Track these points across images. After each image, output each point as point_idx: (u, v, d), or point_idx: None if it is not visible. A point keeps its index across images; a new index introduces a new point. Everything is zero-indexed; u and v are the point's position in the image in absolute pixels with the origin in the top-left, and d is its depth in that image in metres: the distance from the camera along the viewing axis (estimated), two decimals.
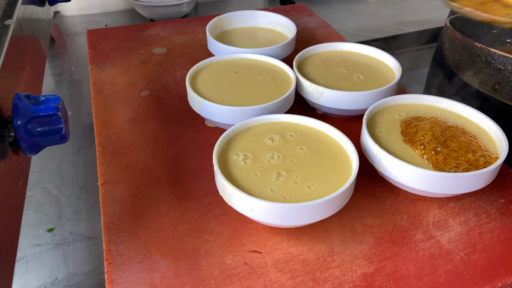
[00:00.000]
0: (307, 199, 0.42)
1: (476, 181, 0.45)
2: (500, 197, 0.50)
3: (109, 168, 0.54)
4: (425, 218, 0.48)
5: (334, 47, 0.70)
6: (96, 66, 0.75)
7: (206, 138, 0.60)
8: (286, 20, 0.78)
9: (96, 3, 1.09)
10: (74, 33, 1.01)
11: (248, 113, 0.55)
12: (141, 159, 0.56)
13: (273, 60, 0.66)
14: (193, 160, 0.56)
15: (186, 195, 0.50)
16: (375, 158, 0.48)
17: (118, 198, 0.50)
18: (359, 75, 0.64)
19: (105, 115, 0.64)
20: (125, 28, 0.89)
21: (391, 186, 0.51)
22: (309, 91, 0.60)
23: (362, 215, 0.48)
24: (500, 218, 0.48)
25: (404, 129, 0.51)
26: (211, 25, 0.75)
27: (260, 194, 0.43)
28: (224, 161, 0.47)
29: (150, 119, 0.63)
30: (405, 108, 0.56)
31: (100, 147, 0.58)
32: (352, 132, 0.61)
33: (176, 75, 0.74)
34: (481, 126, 0.52)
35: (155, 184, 0.52)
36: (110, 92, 0.69)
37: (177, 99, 0.68)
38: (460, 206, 0.49)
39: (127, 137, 0.60)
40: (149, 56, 0.79)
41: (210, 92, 0.59)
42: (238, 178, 0.44)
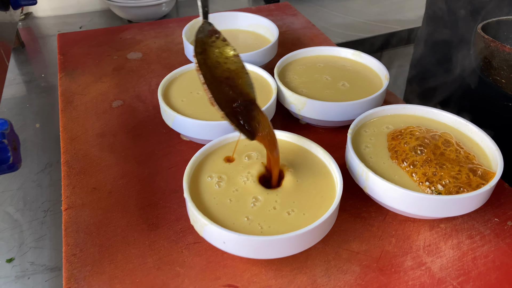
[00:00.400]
0: (286, 228, 0.38)
1: (470, 203, 0.41)
2: (494, 215, 0.47)
3: (74, 191, 0.50)
4: (415, 241, 0.44)
5: (318, 52, 0.66)
6: (65, 74, 0.71)
7: (180, 153, 0.55)
8: (268, 22, 0.73)
9: (71, 4, 1.04)
10: (46, 35, 0.95)
11: (224, 128, 0.51)
12: (109, 179, 0.51)
13: (253, 67, 0.61)
14: (166, 180, 0.51)
15: (157, 220, 0.46)
16: (360, 177, 0.45)
17: (82, 226, 0.46)
18: (344, 82, 0.60)
19: (73, 129, 0.59)
20: (99, 31, 0.84)
21: (378, 206, 0.48)
22: (291, 102, 0.56)
23: (347, 239, 0.44)
24: (494, 240, 0.45)
25: (391, 144, 0.47)
26: (188, 29, 0.71)
27: (234, 224, 0.39)
28: (196, 184, 0.43)
29: (121, 133, 0.59)
30: (393, 120, 0.52)
31: (66, 166, 0.53)
32: (338, 144, 0.57)
33: (151, 82, 0.69)
34: (473, 140, 0.49)
35: (124, 208, 0.48)
36: (80, 103, 0.64)
37: (151, 109, 0.63)
38: (452, 227, 0.46)
39: (96, 154, 0.55)
40: (123, 62, 0.74)
41: (184, 104, 0.55)
42: (211, 206, 0.40)
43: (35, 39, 0.95)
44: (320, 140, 0.58)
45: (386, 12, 1.11)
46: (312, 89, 0.58)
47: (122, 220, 0.46)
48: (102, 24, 1.00)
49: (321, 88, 0.59)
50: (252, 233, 0.38)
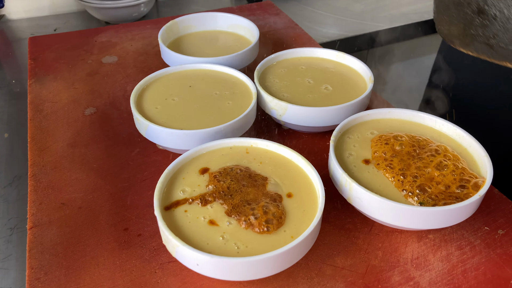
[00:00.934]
0: (265, 247, 0.36)
1: (459, 214, 0.39)
2: (484, 223, 0.45)
3: (41, 207, 0.47)
4: (402, 254, 0.42)
5: (300, 53, 0.63)
6: (36, 81, 0.67)
7: (156, 164, 0.52)
8: (248, 23, 0.70)
9: (45, 5, 0.99)
10: (19, 39, 0.91)
11: (201, 137, 0.48)
12: (79, 194, 0.48)
13: (232, 71, 0.59)
14: (140, 193, 0.48)
15: (129, 238, 0.43)
16: (344, 188, 0.42)
17: (48, 246, 0.43)
18: (327, 85, 0.57)
19: (42, 139, 0.56)
20: (73, 34, 0.80)
21: (363, 216, 0.45)
22: (272, 107, 0.54)
23: (331, 254, 0.42)
24: (485, 250, 0.42)
25: (375, 152, 0.45)
26: (165, 31, 0.68)
27: (208, 244, 0.36)
28: (168, 200, 0.40)
29: (93, 142, 0.55)
30: (377, 125, 0.50)
31: (33, 180, 0.50)
32: (321, 150, 0.55)
33: (127, 87, 0.66)
34: (461, 145, 0.47)
35: (94, 225, 0.45)
36: (50, 112, 0.61)
37: (125, 116, 0.60)
38: (441, 237, 0.44)
39: (66, 166, 0.52)
40: (98, 66, 0.71)
41: (158, 111, 0.52)
42: (183, 224, 0.38)
43: (8, 43, 0.90)
44: (303, 146, 0.56)
45: (371, 10, 1.08)
46: (293, 93, 0.56)
47: (91, 239, 0.43)
48: (78, 26, 0.96)
49: (303, 92, 0.56)
50: (228, 254, 0.35)
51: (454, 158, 0.44)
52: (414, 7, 1.10)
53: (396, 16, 1.05)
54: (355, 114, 0.52)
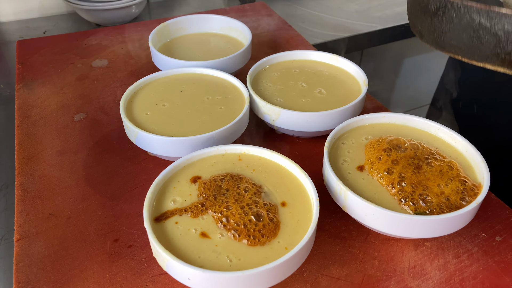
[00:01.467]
0: (258, 260, 0.35)
1: (455, 223, 0.38)
2: (481, 230, 0.44)
3: (28, 218, 0.45)
4: (399, 263, 0.41)
5: (293, 56, 0.62)
6: (23, 86, 0.66)
7: (147, 171, 0.51)
8: (240, 25, 0.69)
9: (34, 7, 0.98)
10: (8, 42, 0.90)
11: (192, 144, 0.47)
12: (68, 204, 0.47)
13: (224, 74, 0.58)
14: (130, 202, 0.47)
15: (119, 249, 0.42)
16: (339, 196, 0.41)
17: (35, 259, 0.41)
18: (320, 89, 0.56)
19: (30, 147, 0.54)
20: (62, 37, 0.79)
21: (359, 224, 0.45)
22: (265, 112, 0.53)
23: (327, 263, 0.41)
24: (483, 258, 0.42)
25: (369, 158, 0.44)
26: (156, 34, 0.66)
27: (200, 257, 0.35)
28: (158, 211, 0.39)
29: (83, 149, 0.54)
30: (372, 130, 0.49)
31: (20, 190, 0.49)
32: (315, 155, 0.54)
33: (117, 92, 0.65)
34: (457, 149, 0.46)
35: (83, 236, 0.43)
36: (39, 118, 0.59)
37: (116, 122, 0.59)
38: (438, 245, 0.43)
39: (54, 174, 0.51)
40: (87, 70, 0.70)
41: (148, 118, 0.51)
42: (174, 236, 0.37)
43: None
44: (297, 151, 0.55)
45: (365, 10, 1.07)
46: (287, 98, 0.55)
47: (80, 251, 0.42)
48: (68, 28, 0.95)
49: (296, 96, 0.55)
50: (220, 267, 0.34)
51: (450, 164, 0.43)
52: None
53: (390, 16, 1.05)
54: (349, 118, 0.52)
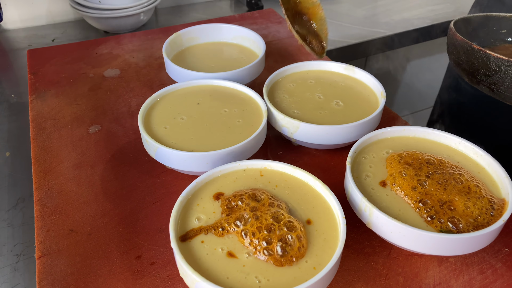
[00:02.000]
0: (287, 280, 0.35)
1: (481, 241, 0.38)
2: (504, 245, 0.44)
3: (49, 234, 0.45)
4: (423, 280, 0.41)
5: (308, 67, 0.62)
6: (37, 97, 0.65)
7: (165, 185, 0.51)
8: (253, 35, 0.69)
9: (42, 14, 0.97)
10: (16, 50, 0.89)
11: (212, 159, 0.46)
12: (88, 219, 0.47)
13: (240, 86, 0.57)
14: (150, 217, 0.47)
15: (142, 267, 0.42)
16: (364, 213, 0.41)
17: (58, 277, 0.41)
18: (337, 101, 0.56)
19: (46, 160, 0.54)
20: (72, 46, 0.79)
21: (381, 239, 0.44)
22: (283, 125, 0.52)
23: (351, 280, 0.41)
24: (507, 274, 0.42)
25: (391, 174, 0.44)
26: (169, 44, 0.66)
27: (229, 278, 0.35)
28: (183, 229, 0.39)
29: (99, 163, 0.54)
30: (392, 143, 0.49)
31: (39, 205, 0.48)
32: (333, 167, 0.54)
33: (131, 103, 0.65)
34: (479, 163, 0.46)
35: (105, 253, 0.43)
36: (53, 130, 0.59)
37: (131, 134, 0.59)
38: (462, 261, 0.43)
39: (72, 189, 0.50)
40: (100, 80, 0.69)
41: (167, 132, 0.51)
42: (201, 256, 0.36)
43: (5, 54, 0.88)
44: (315, 164, 0.54)
45: (373, 15, 1.07)
46: (304, 110, 0.55)
47: (103, 268, 0.42)
48: (76, 35, 0.94)
49: (313, 108, 0.55)
50: (250, 287, 0.34)
51: (475, 180, 0.43)
52: (416, 12, 1.09)
53: (398, 21, 1.04)
54: (368, 131, 0.52)
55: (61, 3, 0.97)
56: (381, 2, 1.15)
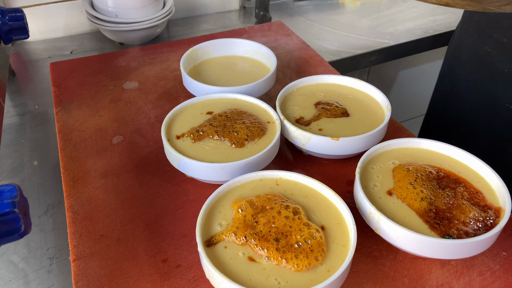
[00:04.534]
0: (304, 282, 0.38)
1: (480, 246, 0.42)
2: (502, 249, 0.48)
3: (81, 239, 0.49)
4: (427, 281, 0.45)
5: (317, 80, 0.66)
6: (62, 109, 0.69)
7: (186, 192, 0.55)
8: (265, 49, 0.73)
9: (59, 26, 1.02)
10: (36, 61, 0.93)
11: (231, 170, 0.50)
12: (116, 225, 0.51)
13: (254, 99, 0.61)
14: (174, 223, 0.51)
15: (169, 269, 0.46)
16: (372, 220, 0.45)
17: (93, 278, 0.45)
18: (346, 112, 0.60)
19: (74, 169, 0.58)
20: (92, 59, 0.83)
21: (388, 244, 0.48)
22: (295, 136, 0.56)
23: (361, 282, 0.45)
24: (504, 275, 0.45)
25: (398, 183, 0.48)
26: (185, 58, 0.70)
27: (251, 280, 0.39)
28: (207, 235, 0.43)
29: (124, 172, 0.58)
30: (398, 154, 0.52)
31: (70, 212, 0.52)
32: (342, 176, 0.58)
33: (150, 114, 0.69)
34: (479, 173, 0.50)
35: (134, 256, 0.47)
36: (79, 141, 0.63)
37: (152, 145, 0.62)
38: (462, 263, 0.46)
39: (100, 197, 0.54)
40: (120, 92, 0.73)
41: (188, 143, 0.54)
42: (225, 260, 0.40)
43: (25, 66, 0.92)
44: (325, 172, 0.58)
45: (377, 25, 1.11)
46: None
47: (133, 270, 0.46)
48: (93, 47, 0.98)
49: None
50: None
51: (474, 189, 0.47)
52: (419, 22, 1.13)
53: (402, 31, 1.08)
54: (375, 142, 0.55)
55: (78, 16, 1.02)
56: (385, 12, 1.19)
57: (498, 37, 0.71)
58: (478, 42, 0.76)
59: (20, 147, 0.70)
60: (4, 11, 0.67)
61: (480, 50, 0.76)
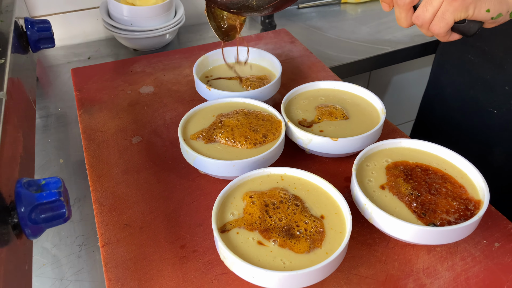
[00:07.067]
0: (305, 263, 0.44)
1: (461, 233, 0.48)
2: (483, 238, 0.54)
3: (108, 228, 0.55)
4: (415, 265, 0.51)
5: (319, 86, 0.72)
6: (84, 111, 0.76)
7: (200, 187, 0.61)
8: (270, 56, 0.79)
9: (77, 34, 1.08)
10: (57, 66, 1.00)
11: (241, 166, 0.56)
12: (139, 216, 0.57)
13: (260, 103, 0.67)
14: (190, 214, 0.57)
15: (187, 254, 0.52)
16: (366, 211, 0.51)
17: (120, 261, 0.51)
18: (345, 115, 0.66)
19: (99, 167, 0.64)
20: (109, 65, 0.89)
21: (381, 233, 0.54)
22: (299, 137, 0.62)
23: (356, 265, 0.51)
24: (484, 261, 0.51)
25: (390, 179, 0.54)
26: (198, 65, 0.76)
27: (260, 260, 0.45)
28: (221, 222, 0.49)
29: (143, 169, 0.64)
30: (391, 153, 0.58)
31: (97, 204, 0.59)
32: (341, 172, 0.63)
33: (166, 117, 0.75)
34: (462, 170, 0.55)
35: (155, 243, 0.53)
36: (101, 140, 0.69)
37: (168, 144, 0.69)
38: (447, 250, 0.52)
39: (123, 190, 0.61)
40: (137, 96, 0.80)
41: (202, 143, 0.61)
42: (237, 244, 0.46)
43: (46, 72, 0.99)
44: (326, 170, 0.64)
45: (376, 32, 1.17)
46: None
47: (155, 255, 0.52)
48: (108, 53, 1.05)
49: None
50: (277, 268, 0.44)
51: (457, 184, 0.53)
52: (415, 29, 1.19)
53: (400, 38, 1.14)
54: (371, 142, 0.61)
55: (95, 24, 1.08)
56: (384, 19, 1.24)
57: (480, 46, 0.77)
58: (462, 50, 0.82)
59: (47, 146, 0.76)
60: (33, 22, 0.74)
61: (464, 58, 0.82)
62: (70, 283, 0.54)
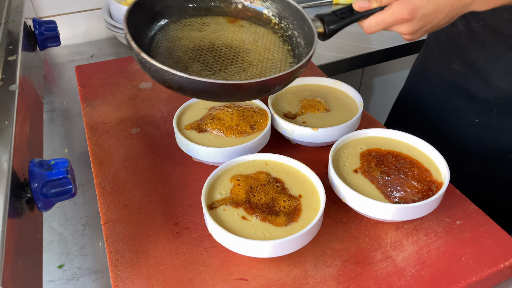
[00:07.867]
0: (283, 234, 0.50)
1: (423, 209, 0.54)
2: (446, 216, 0.60)
3: (109, 208, 0.61)
4: (383, 240, 0.57)
5: (304, 81, 0.78)
6: (87, 105, 0.82)
7: (193, 173, 0.67)
8: None
9: (80, 33, 1.14)
10: (61, 64, 1.06)
11: (230, 153, 0.62)
12: (137, 198, 0.63)
13: None
14: (183, 196, 0.63)
15: (180, 230, 0.58)
16: (340, 191, 0.57)
17: (120, 236, 0.57)
18: (327, 108, 0.72)
19: (101, 155, 0.70)
20: (111, 63, 0.95)
21: (355, 212, 0.60)
22: (283, 127, 0.68)
23: (331, 240, 0.57)
24: (445, 236, 0.57)
25: (363, 164, 0.60)
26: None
27: (243, 232, 0.51)
28: (210, 200, 0.55)
29: (142, 157, 0.70)
30: (366, 141, 0.64)
31: (99, 187, 0.65)
32: (322, 160, 0.69)
33: (163, 110, 0.81)
34: (429, 156, 0.61)
35: (151, 221, 0.59)
36: (103, 131, 0.75)
37: (165, 135, 0.75)
38: (413, 227, 0.58)
39: (123, 176, 0.67)
40: (136, 91, 0.86)
41: (195, 133, 0.67)
42: (224, 219, 0.52)
43: (51, 69, 1.05)
44: (308, 157, 0.70)
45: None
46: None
47: (151, 231, 0.58)
48: (110, 52, 1.11)
49: None
50: (257, 238, 0.50)
51: (423, 167, 0.59)
52: None
53: (388, 37, 1.20)
54: (349, 132, 0.67)
55: (97, 24, 1.14)
56: None
57: (466, 57, 0.79)
58: (444, 61, 0.83)
59: (53, 137, 0.82)
60: (41, 22, 0.80)
61: (447, 69, 0.83)
62: (75, 257, 0.60)
